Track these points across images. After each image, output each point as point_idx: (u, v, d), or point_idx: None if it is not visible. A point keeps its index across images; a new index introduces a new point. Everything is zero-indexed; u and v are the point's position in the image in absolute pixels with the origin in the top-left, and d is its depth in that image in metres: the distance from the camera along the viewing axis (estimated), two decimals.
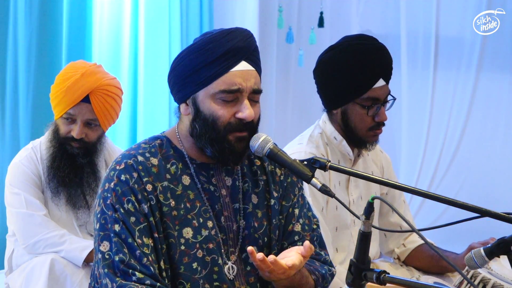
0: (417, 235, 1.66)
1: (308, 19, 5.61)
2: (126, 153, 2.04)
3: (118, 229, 1.93)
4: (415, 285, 1.63)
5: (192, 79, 1.98)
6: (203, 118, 1.98)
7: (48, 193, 3.16)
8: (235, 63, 1.97)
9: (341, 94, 2.78)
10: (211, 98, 1.97)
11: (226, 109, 1.97)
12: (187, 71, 1.98)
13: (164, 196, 1.99)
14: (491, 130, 5.79)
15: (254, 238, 2.09)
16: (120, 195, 1.95)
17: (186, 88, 2.00)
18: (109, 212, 1.95)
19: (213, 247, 2.02)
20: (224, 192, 2.08)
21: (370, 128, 2.79)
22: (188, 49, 2.00)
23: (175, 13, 4.86)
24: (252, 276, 2.08)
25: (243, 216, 2.09)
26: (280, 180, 2.18)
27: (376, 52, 2.79)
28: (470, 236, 3.55)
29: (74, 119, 3.10)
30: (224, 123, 1.98)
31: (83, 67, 3.12)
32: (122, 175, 1.97)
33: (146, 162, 2.00)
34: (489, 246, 1.93)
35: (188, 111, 2.02)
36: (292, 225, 2.17)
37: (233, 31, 2.00)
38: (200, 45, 1.98)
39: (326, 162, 1.88)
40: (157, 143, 2.06)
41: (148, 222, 1.95)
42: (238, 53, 1.97)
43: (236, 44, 1.97)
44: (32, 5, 4.20)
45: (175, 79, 2.03)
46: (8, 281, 3.21)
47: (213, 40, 1.97)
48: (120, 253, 1.92)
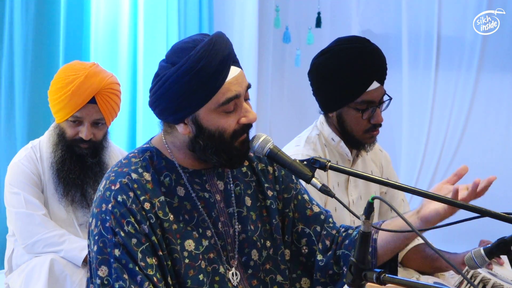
0: (417, 235, 1.66)
1: (306, 19, 5.60)
2: (118, 170, 2.00)
3: (118, 254, 1.90)
4: (415, 285, 1.63)
5: (190, 100, 1.93)
6: (208, 134, 1.95)
7: (55, 196, 3.15)
8: (227, 72, 1.94)
9: (335, 98, 2.78)
10: (214, 113, 1.94)
11: (230, 119, 1.95)
12: (183, 93, 1.92)
13: (163, 211, 1.97)
14: (492, 130, 5.79)
15: (252, 241, 2.08)
16: (119, 218, 1.92)
17: (182, 110, 1.95)
18: (109, 236, 1.92)
19: (214, 257, 2.01)
20: (219, 197, 2.06)
21: (366, 130, 2.79)
22: (178, 72, 1.91)
23: (173, 13, 4.86)
24: (254, 279, 2.07)
25: (238, 220, 2.07)
26: (274, 177, 2.17)
27: (369, 55, 2.77)
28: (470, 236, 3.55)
29: (81, 121, 3.11)
30: (230, 133, 1.96)
31: (84, 68, 3.11)
32: (118, 195, 1.94)
33: (140, 179, 1.97)
34: (489, 246, 1.93)
35: (189, 129, 1.97)
36: (309, 209, 2.17)
37: (214, 41, 1.93)
38: (190, 65, 1.90)
39: (326, 162, 1.89)
40: (147, 156, 2.03)
41: (150, 241, 1.93)
42: (227, 62, 1.94)
43: (223, 54, 1.93)
44: (29, 4, 4.19)
45: (167, 104, 1.95)
46: (8, 281, 3.21)
47: (202, 57, 1.90)
48: (120, 280, 1.89)
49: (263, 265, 2.09)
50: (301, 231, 2.15)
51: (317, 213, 2.18)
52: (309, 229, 2.15)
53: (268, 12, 5.56)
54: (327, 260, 2.13)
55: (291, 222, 2.15)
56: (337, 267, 2.13)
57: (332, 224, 2.18)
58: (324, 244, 2.14)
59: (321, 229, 2.16)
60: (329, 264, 2.12)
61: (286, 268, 2.12)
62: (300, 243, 2.15)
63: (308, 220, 2.16)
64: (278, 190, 2.16)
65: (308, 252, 2.15)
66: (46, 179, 3.17)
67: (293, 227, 2.16)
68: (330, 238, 2.15)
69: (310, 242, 2.15)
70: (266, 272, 2.10)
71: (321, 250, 2.14)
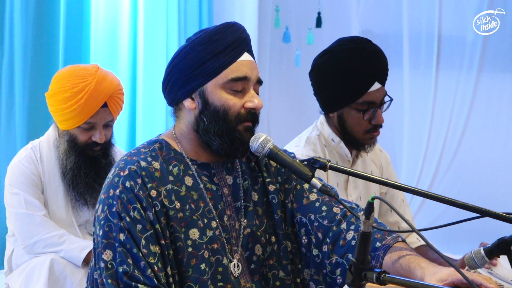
0: (417, 235, 1.66)
1: (306, 19, 5.60)
2: (127, 158, 2.03)
3: (123, 238, 1.92)
4: (415, 285, 1.63)
5: (200, 71, 1.98)
6: (213, 110, 1.99)
7: (61, 199, 3.15)
8: (241, 53, 2.00)
9: (336, 99, 2.78)
10: (222, 88, 1.99)
11: (236, 98, 1.99)
12: (194, 63, 1.99)
13: (169, 199, 1.99)
14: (492, 130, 5.79)
15: (256, 236, 2.09)
16: (126, 203, 1.94)
17: (192, 82, 2.00)
18: (115, 220, 1.94)
19: (218, 248, 2.02)
20: (226, 191, 2.08)
21: (367, 131, 2.79)
22: (193, 43, 2.00)
23: (173, 13, 4.86)
24: (256, 274, 2.08)
25: (245, 214, 2.08)
26: (276, 169, 2.17)
27: (370, 56, 2.77)
28: (470, 236, 3.55)
29: (93, 126, 3.11)
30: (235, 113, 1.99)
31: (90, 74, 3.09)
32: (126, 181, 1.96)
33: (149, 167, 1.99)
34: (489, 246, 1.93)
35: (195, 105, 2.02)
36: (305, 198, 2.12)
37: (233, 24, 2.04)
38: (206, 36, 2.00)
39: (326, 162, 1.89)
40: (156, 147, 2.06)
41: (154, 229, 1.95)
42: (242, 44, 2.01)
43: (240, 35, 2.02)
44: (29, 4, 4.19)
45: (179, 75, 2.01)
46: (8, 281, 3.21)
47: (219, 32, 2.00)
48: (124, 264, 1.91)
49: (266, 260, 2.10)
50: (299, 221, 2.13)
51: (313, 201, 2.13)
52: (305, 218, 2.12)
53: (268, 12, 5.57)
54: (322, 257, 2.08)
55: (289, 213, 2.15)
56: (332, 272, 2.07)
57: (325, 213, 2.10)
58: (317, 236, 2.09)
59: (314, 219, 2.11)
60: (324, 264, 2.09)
61: (288, 263, 2.12)
62: (300, 233, 2.13)
63: (304, 209, 2.13)
64: (280, 181, 2.17)
65: (307, 242, 2.12)
66: (46, 179, 3.17)
67: (293, 218, 2.14)
68: (322, 230, 2.09)
69: (307, 232, 2.11)
70: (269, 268, 2.10)
71: (315, 243, 2.10)
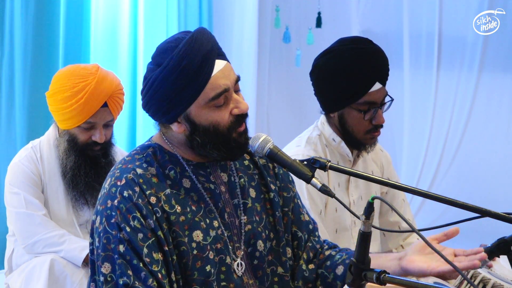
0: (417, 235, 1.66)
1: (306, 19, 5.61)
2: (122, 167, 2.01)
3: (122, 249, 1.90)
4: (415, 285, 1.63)
5: (179, 99, 1.95)
6: (203, 130, 1.97)
7: (62, 199, 3.15)
8: (212, 66, 1.95)
9: (337, 99, 2.78)
10: (205, 108, 1.96)
11: (222, 112, 1.97)
12: (171, 93, 1.94)
13: (169, 204, 1.97)
14: (493, 130, 5.79)
15: (257, 232, 2.09)
16: (125, 213, 1.92)
17: (174, 109, 1.96)
18: (113, 232, 1.92)
19: (221, 247, 2.02)
20: (223, 188, 2.08)
21: (367, 131, 2.79)
22: (163, 73, 1.93)
23: (173, 13, 4.86)
24: (260, 270, 2.08)
25: (244, 211, 2.09)
26: (275, 173, 2.19)
27: (371, 56, 2.77)
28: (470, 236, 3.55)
29: (93, 125, 3.11)
30: (225, 125, 1.97)
31: (90, 73, 3.09)
32: (124, 191, 1.94)
33: (145, 174, 1.98)
34: (489, 246, 1.93)
35: (183, 127, 1.99)
36: (302, 215, 2.19)
37: (195, 37, 1.94)
38: (174, 65, 1.92)
39: (326, 162, 1.89)
40: (150, 152, 2.04)
41: (156, 236, 1.93)
42: (210, 56, 1.95)
43: (206, 49, 1.94)
44: (29, 4, 4.19)
45: (158, 105, 1.97)
46: (8, 281, 3.21)
47: (185, 55, 1.92)
48: (124, 276, 1.89)
49: (266, 256, 2.10)
50: (294, 233, 2.17)
51: (308, 221, 2.20)
52: (301, 233, 2.18)
53: (268, 12, 5.57)
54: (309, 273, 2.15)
55: (289, 222, 2.17)
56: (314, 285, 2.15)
57: (317, 238, 2.21)
58: (308, 255, 2.17)
59: (308, 238, 2.18)
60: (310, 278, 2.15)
61: (287, 260, 2.13)
62: (293, 244, 2.17)
63: (301, 225, 2.18)
64: (279, 186, 2.18)
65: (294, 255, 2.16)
66: (46, 179, 3.16)
67: (290, 228, 2.17)
68: (314, 251, 2.18)
69: (298, 246, 2.16)
70: (268, 264, 2.11)
71: (306, 260, 2.16)
